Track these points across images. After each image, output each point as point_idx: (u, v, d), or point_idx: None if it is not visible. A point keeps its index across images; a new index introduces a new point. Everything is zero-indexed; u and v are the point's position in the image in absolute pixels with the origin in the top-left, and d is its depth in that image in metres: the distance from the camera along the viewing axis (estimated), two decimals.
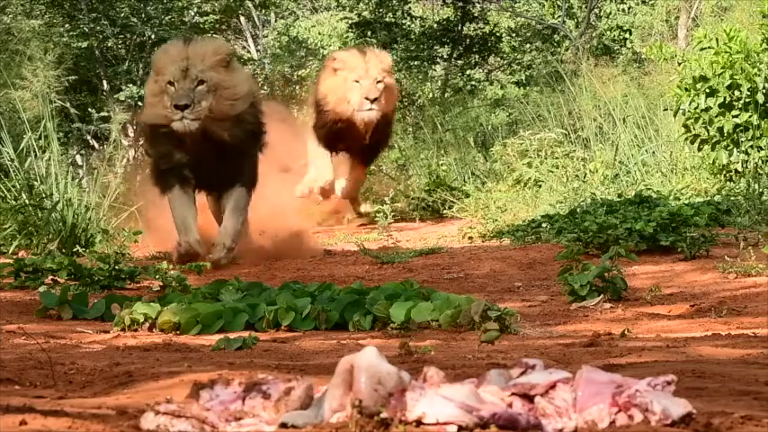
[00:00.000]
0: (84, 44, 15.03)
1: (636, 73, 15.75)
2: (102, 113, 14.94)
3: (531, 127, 13.43)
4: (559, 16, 18.25)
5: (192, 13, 16.27)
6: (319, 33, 18.18)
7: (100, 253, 7.77)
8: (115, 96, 15.09)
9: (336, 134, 11.34)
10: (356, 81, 11.07)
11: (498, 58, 17.90)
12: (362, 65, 11.12)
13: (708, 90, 11.12)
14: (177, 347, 4.82)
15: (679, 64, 11.64)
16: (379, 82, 11.06)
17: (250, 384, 2.69)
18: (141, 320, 5.54)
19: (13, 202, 9.26)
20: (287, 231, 9.27)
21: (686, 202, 9.34)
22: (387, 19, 17.05)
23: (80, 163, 15.65)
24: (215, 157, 8.29)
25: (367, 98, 10.99)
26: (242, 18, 18.06)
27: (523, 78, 17.40)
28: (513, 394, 2.61)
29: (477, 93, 17.17)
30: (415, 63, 16.89)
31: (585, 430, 2.58)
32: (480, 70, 17.73)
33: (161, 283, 7.07)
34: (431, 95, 16.68)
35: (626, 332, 5.06)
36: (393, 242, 9.24)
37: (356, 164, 11.56)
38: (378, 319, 5.51)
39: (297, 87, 16.70)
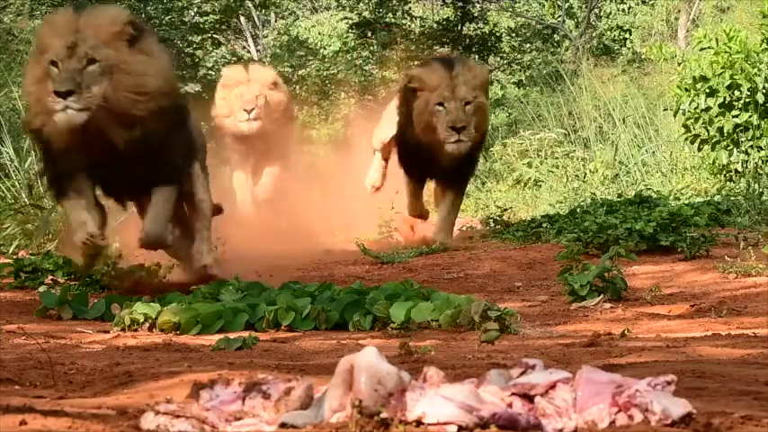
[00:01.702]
0: None
1: (636, 73, 15.76)
2: None
3: (531, 127, 13.44)
4: (559, 16, 18.25)
5: (192, 13, 16.28)
6: (319, 33, 18.17)
7: None
8: None
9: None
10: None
11: (498, 58, 17.90)
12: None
13: (708, 90, 11.12)
14: (177, 347, 4.82)
15: (679, 64, 11.65)
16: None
17: (250, 384, 2.69)
18: (141, 320, 5.55)
19: (13, 202, 9.26)
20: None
21: (686, 202, 9.35)
22: (387, 19, 17.05)
23: None
24: (122, 164, 6.49)
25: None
26: (242, 18, 18.06)
27: (523, 78, 17.40)
28: (513, 394, 2.61)
29: None
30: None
31: (585, 430, 2.58)
32: None
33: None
34: None
35: (626, 332, 5.06)
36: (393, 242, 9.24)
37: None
38: (378, 319, 5.51)
39: (297, 87, 16.70)
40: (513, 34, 18.02)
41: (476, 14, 17.33)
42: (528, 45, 17.90)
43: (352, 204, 11.24)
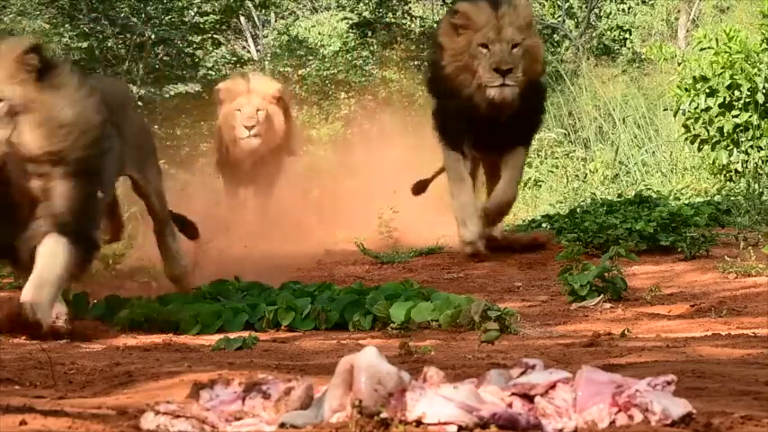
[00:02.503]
0: (85, 44, 15.03)
1: (636, 73, 15.75)
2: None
3: None
4: (559, 16, 18.25)
5: (192, 13, 16.28)
6: (319, 33, 18.17)
7: (99, 253, 7.76)
8: None
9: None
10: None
11: None
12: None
13: (708, 90, 11.12)
14: (177, 347, 4.82)
15: (679, 64, 11.65)
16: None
17: (250, 384, 2.69)
18: (141, 320, 5.55)
19: None
20: None
21: (686, 202, 9.35)
22: (387, 19, 17.05)
23: None
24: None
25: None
26: (242, 18, 18.06)
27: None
28: (513, 394, 2.61)
29: None
30: (415, 63, 16.89)
31: (585, 430, 2.58)
32: None
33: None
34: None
35: (626, 332, 5.06)
36: (393, 241, 9.24)
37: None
38: (378, 319, 5.51)
39: (297, 87, 16.70)
40: None
41: None
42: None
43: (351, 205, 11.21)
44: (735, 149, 11.02)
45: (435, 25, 17.19)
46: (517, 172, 8.17)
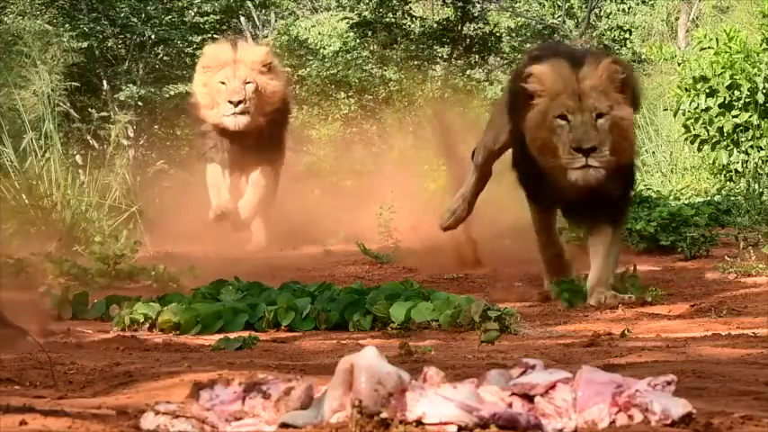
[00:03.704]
0: (85, 44, 15.03)
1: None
2: (103, 113, 14.95)
3: None
4: (559, 16, 18.25)
5: (192, 13, 16.27)
6: (319, 33, 18.17)
7: (99, 253, 7.77)
8: (115, 96, 15.09)
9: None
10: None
11: (498, 58, 17.90)
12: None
13: (708, 90, 11.12)
14: (177, 347, 4.82)
15: (679, 64, 11.65)
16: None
17: (250, 384, 2.69)
18: (141, 320, 5.55)
19: (13, 203, 9.26)
20: None
21: (686, 202, 9.35)
22: (387, 19, 17.04)
23: (80, 163, 15.67)
24: None
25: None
26: (242, 18, 18.06)
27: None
28: (513, 394, 2.61)
29: (477, 93, 17.17)
30: (415, 63, 16.89)
31: (585, 430, 2.58)
32: (480, 70, 17.72)
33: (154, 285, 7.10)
34: (431, 95, 16.68)
35: (626, 332, 5.06)
36: (393, 242, 9.24)
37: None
38: (378, 319, 5.51)
39: (297, 87, 16.69)
40: (513, 34, 18.01)
41: (476, 14, 17.31)
42: (528, 45, 17.89)
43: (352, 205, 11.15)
44: (735, 149, 11.03)
45: (435, 25, 17.21)
46: (610, 260, 6.62)
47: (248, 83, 9.61)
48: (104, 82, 15.42)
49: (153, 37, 15.26)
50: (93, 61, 15.34)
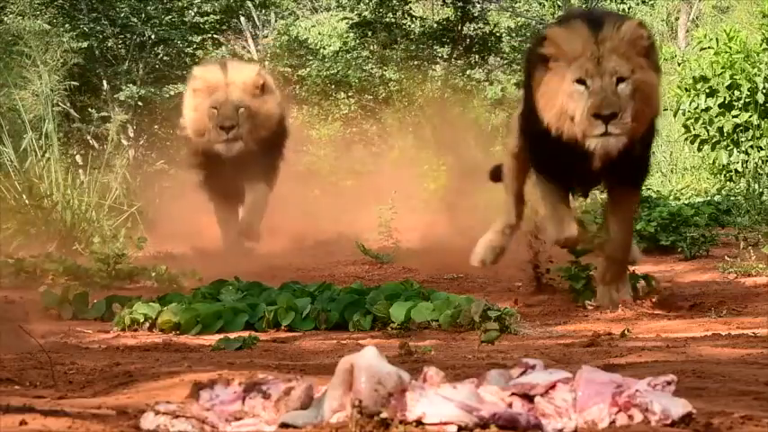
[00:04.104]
0: (85, 44, 15.04)
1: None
2: (103, 113, 14.97)
3: None
4: (559, 16, 18.25)
5: (192, 13, 16.28)
6: (319, 33, 18.18)
7: (99, 253, 7.77)
8: (115, 96, 15.09)
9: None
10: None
11: (498, 58, 17.91)
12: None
13: (708, 90, 11.13)
14: (177, 347, 4.82)
15: (679, 64, 11.65)
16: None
17: (250, 384, 2.69)
18: (141, 320, 5.55)
19: (13, 203, 9.26)
20: None
21: (686, 202, 9.35)
22: (387, 19, 17.05)
23: (80, 163, 15.69)
24: None
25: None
26: (242, 18, 18.07)
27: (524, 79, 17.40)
28: (513, 394, 2.61)
29: (477, 93, 17.19)
30: (415, 63, 16.89)
31: (585, 430, 2.58)
32: (480, 70, 17.73)
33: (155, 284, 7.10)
34: (431, 95, 16.69)
35: (626, 332, 5.06)
36: (393, 242, 9.24)
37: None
38: (378, 319, 5.51)
39: (297, 87, 16.70)
40: (513, 34, 18.01)
41: (476, 14, 17.32)
42: (528, 45, 17.90)
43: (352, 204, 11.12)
44: (735, 149, 11.03)
45: (435, 25, 17.22)
46: (626, 226, 6.34)
47: (240, 107, 9.10)
48: (104, 82, 15.43)
49: (153, 37, 15.27)
50: (93, 61, 15.34)
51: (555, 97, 5.95)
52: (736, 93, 10.94)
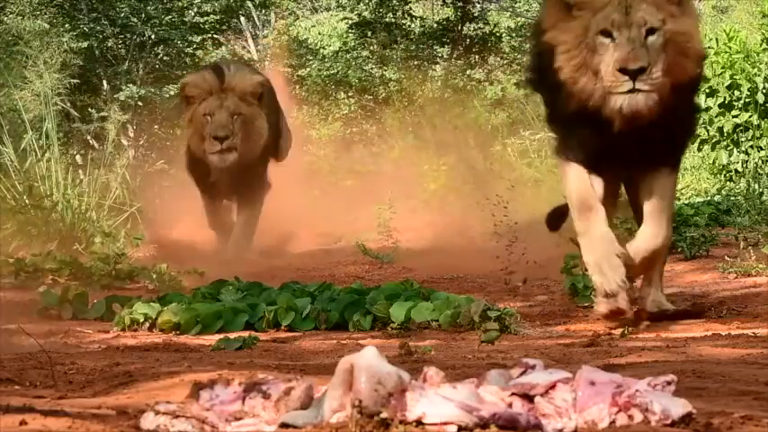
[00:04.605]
0: (85, 44, 15.05)
1: None
2: (103, 113, 14.97)
3: (531, 127, 13.44)
4: None
5: (192, 13, 16.28)
6: (319, 33, 18.18)
7: (100, 253, 7.77)
8: (115, 96, 15.09)
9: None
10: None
11: (498, 58, 17.91)
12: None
13: (708, 90, 11.12)
14: (177, 347, 4.82)
15: None
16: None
17: (250, 384, 2.69)
18: (141, 320, 5.55)
19: (13, 203, 9.26)
20: None
21: (686, 202, 9.35)
22: (387, 19, 17.05)
23: (80, 163, 15.69)
24: None
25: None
26: (242, 18, 18.07)
27: (524, 79, 17.40)
28: (513, 394, 2.61)
29: (477, 93, 17.20)
30: (415, 63, 16.90)
31: (585, 430, 2.58)
32: (480, 70, 17.74)
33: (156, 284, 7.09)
34: (431, 95, 16.69)
35: (626, 332, 5.06)
36: (393, 242, 9.24)
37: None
38: (378, 319, 5.51)
39: (297, 87, 16.70)
40: (513, 34, 18.01)
41: (476, 14, 17.33)
42: (528, 45, 17.90)
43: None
44: (735, 149, 11.03)
45: (435, 25, 17.21)
46: (666, 204, 5.53)
47: (236, 115, 8.65)
48: (104, 82, 15.43)
49: (153, 37, 15.27)
50: (93, 61, 15.34)
51: (578, 50, 5.32)
52: (736, 93, 10.95)
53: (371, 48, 17.00)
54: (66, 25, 15.04)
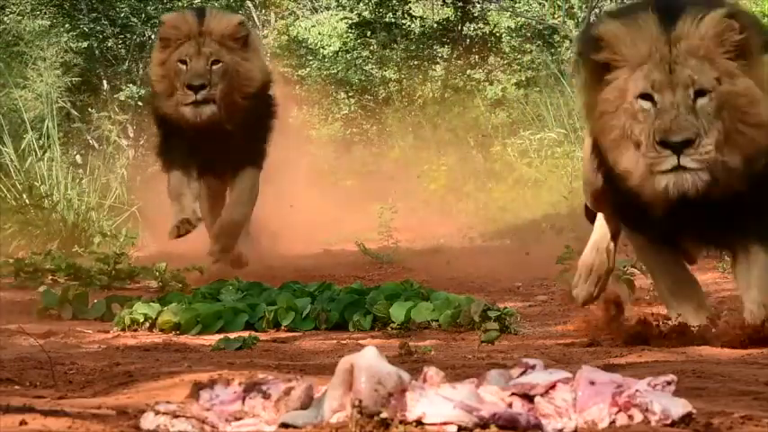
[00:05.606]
0: (85, 44, 15.04)
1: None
2: (103, 113, 14.97)
3: (530, 127, 13.43)
4: (560, 16, 18.25)
5: None
6: (319, 33, 18.17)
7: (100, 253, 7.77)
8: (115, 96, 15.10)
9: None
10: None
11: (498, 58, 17.90)
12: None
13: None
14: (177, 347, 4.82)
15: None
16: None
17: (250, 384, 2.69)
18: (141, 320, 5.55)
19: (14, 203, 9.26)
20: None
21: None
22: (387, 19, 17.04)
23: (80, 163, 15.68)
24: None
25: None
26: None
27: (524, 79, 17.40)
28: (513, 394, 2.61)
29: (477, 93, 17.19)
30: (415, 63, 16.89)
31: (585, 430, 2.58)
32: (480, 70, 17.73)
33: (159, 283, 7.08)
34: (431, 95, 16.68)
35: None
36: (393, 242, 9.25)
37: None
38: (378, 319, 5.51)
39: (297, 87, 16.70)
40: (513, 34, 18.00)
41: (476, 14, 17.31)
42: (528, 45, 17.90)
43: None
44: None
45: (435, 25, 17.20)
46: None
47: (215, 62, 7.36)
48: (104, 82, 15.43)
49: (153, 37, 15.25)
50: (93, 61, 15.34)
51: (614, 118, 4.44)
52: None
53: (371, 48, 16.99)
54: (67, 25, 15.03)
